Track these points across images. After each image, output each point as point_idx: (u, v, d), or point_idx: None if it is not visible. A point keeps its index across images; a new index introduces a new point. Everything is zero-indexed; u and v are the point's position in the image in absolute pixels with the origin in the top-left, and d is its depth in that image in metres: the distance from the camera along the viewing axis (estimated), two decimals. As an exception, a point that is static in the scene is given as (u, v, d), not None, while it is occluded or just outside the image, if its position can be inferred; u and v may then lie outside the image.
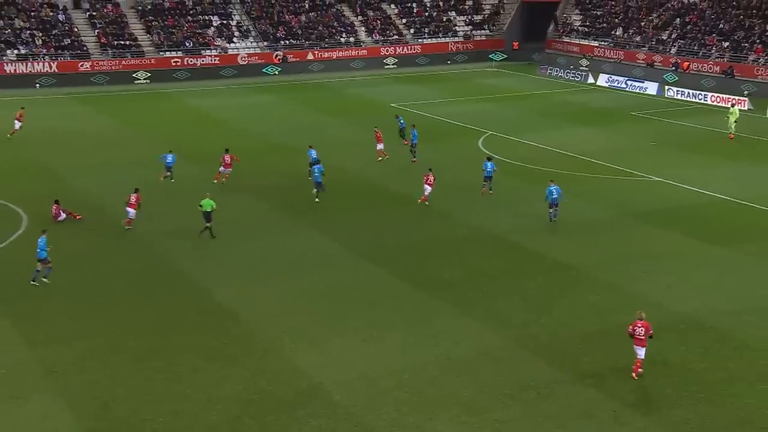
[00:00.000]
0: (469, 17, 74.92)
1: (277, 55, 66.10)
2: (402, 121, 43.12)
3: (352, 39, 69.98)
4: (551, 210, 29.43)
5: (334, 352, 20.38)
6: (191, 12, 67.55)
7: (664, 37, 63.29)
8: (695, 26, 62.11)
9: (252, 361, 19.89)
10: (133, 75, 60.89)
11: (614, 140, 41.93)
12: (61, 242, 26.55)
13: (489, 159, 33.88)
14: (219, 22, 67.36)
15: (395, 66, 69.00)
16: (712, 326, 21.20)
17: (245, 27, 67.89)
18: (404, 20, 73.48)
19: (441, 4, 75.76)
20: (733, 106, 44.50)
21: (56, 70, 59.17)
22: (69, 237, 28.01)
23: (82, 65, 60.08)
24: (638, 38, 64.95)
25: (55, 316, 22.35)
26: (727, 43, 58.61)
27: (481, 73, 66.44)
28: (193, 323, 21.88)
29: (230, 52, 65.22)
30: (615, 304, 22.69)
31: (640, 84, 57.85)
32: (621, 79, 59.45)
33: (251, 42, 67.07)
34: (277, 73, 65.00)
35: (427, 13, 74.72)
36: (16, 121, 43.24)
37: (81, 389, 18.70)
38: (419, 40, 71.63)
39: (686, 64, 58.74)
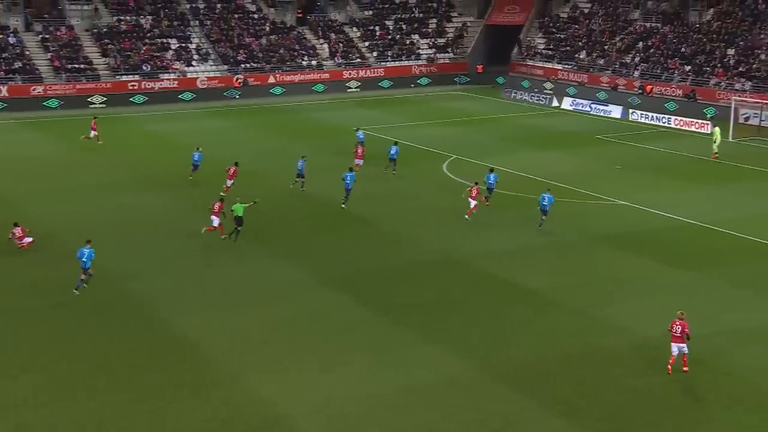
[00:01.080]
0: (433, 40, 75.76)
1: (237, 79, 66.06)
2: (361, 136, 44.11)
3: (314, 62, 70.24)
4: (543, 217, 31.48)
5: (298, 381, 20.20)
6: (149, 35, 67.31)
7: (628, 61, 64.61)
8: (658, 50, 63.54)
9: (215, 392, 19.63)
10: (88, 99, 60.29)
11: (580, 164, 42.51)
12: (14, 270, 26.01)
13: (491, 170, 34.92)
14: (177, 45, 67.18)
15: (358, 89, 69.36)
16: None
17: (204, 50, 67.79)
18: (367, 43, 74.03)
19: (404, 27, 76.54)
20: (714, 126, 45.67)
21: (7, 95, 58.39)
22: (22, 265, 27.49)
23: (34, 89, 59.37)
24: (602, 61, 66.21)
25: (4, 348, 21.84)
26: (689, 67, 60.02)
27: (445, 96, 67.08)
28: (153, 354, 21.55)
29: (189, 75, 65.00)
30: (583, 330, 22.86)
31: (605, 107, 58.87)
32: (585, 102, 60.44)
33: (211, 65, 66.96)
34: (237, 96, 64.90)
35: (390, 37, 75.40)
36: None
37: (33, 426, 18.25)
38: (382, 64, 72.16)
39: (650, 87, 59.97)
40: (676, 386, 19.80)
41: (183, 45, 67.35)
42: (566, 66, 68.22)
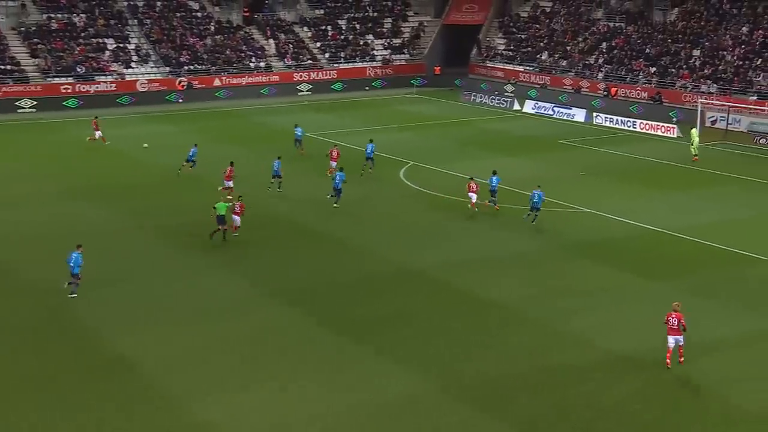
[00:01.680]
0: (388, 41, 76.12)
1: (180, 82, 65.56)
2: (300, 132, 45.51)
3: (262, 64, 70.05)
4: (531, 213, 33.15)
5: (247, 402, 20.06)
6: (83, 34, 66.42)
7: (591, 62, 65.68)
8: (622, 50, 64.71)
9: (156, 417, 19.38)
10: (17, 103, 59.25)
11: (542, 170, 43.02)
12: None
13: (494, 173, 36.05)
14: (115, 45, 66.45)
15: (309, 92, 69.35)
16: (648, 365, 21.78)
17: (144, 51, 67.15)
18: (318, 44, 74.09)
19: (357, 26, 76.78)
20: (691, 129, 46.69)
21: (-76, 99, 57.19)
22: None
23: (-46, 93, 58.24)
24: (564, 63, 67.20)
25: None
26: (654, 68, 61.24)
27: (401, 99, 67.42)
28: (90, 377, 21.23)
29: (128, 78, 64.32)
30: (546, 344, 23.11)
31: (568, 111, 59.72)
32: (548, 105, 61.25)
33: (151, 67, 66.36)
34: (180, 100, 64.41)
35: (342, 37, 75.57)
36: None
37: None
38: (335, 65, 72.28)
39: (614, 89, 61.03)
40: (644, 401, 20.12)
41: (121, 45, 66.64)
42: (527, 67, 69.09)
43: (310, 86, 69.79)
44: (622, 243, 31.75)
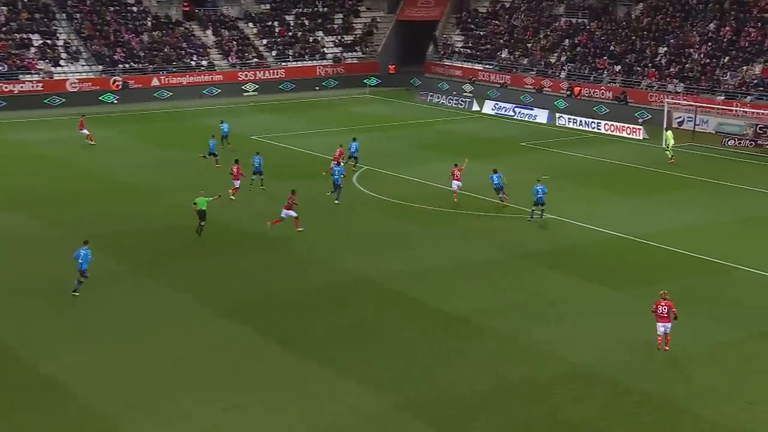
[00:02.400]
0: (339, 38, 76.37)
1: (115, 81, 64.96)
2: (226, 128, 47.10)
3: (204, 62, 69.76)
4: (534, 208, 34.83)
5: (190, 426, 19.99)
6: (4, 29, 65.44)
7: (553, 60, 66.62)
8: (585, 48, 65.76)
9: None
10: (-68, 103, 58.27)
11: (503, 174, 43.45)
12: None
13: (495, 171, 37.54)
14: (41, 41, 65.60)
15: (256, 93, 69.25)
16: (613, 378, 22.17)
17: (74, 48, 66.42)
18: (265, 41, 74.02)
19: (306, 22, 76.89)
20: (666, 130, 47.64)
21: None
22: None
23: None
24: (525, 61, 68.06)
25: None
26: (618, 67, 62.33)
27: (354, 100, 67.65)
28: (15, 402, 20.95)
29: (57, 77, 63.58)
30: (508, 357, 23.41)
31: (529, 111, 60.48)
32: (508, 106, 61.96)
33: (83, 65, 65.67)
34: (115, 101, 63.84)
35: (290, 33, 75.61)
36: None
37: None
38: (283, 64, 72.30)
39: (578, 89, 61.97)
40: (610, 418, 20.49)
41: (48, 41, 65.80)
42: (487, 66, 69.84)
43: (257, 86, 69.71)
44: (586, 250, 32.28)
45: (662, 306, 23.47)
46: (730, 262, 30.56)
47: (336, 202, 37.57)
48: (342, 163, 40.60)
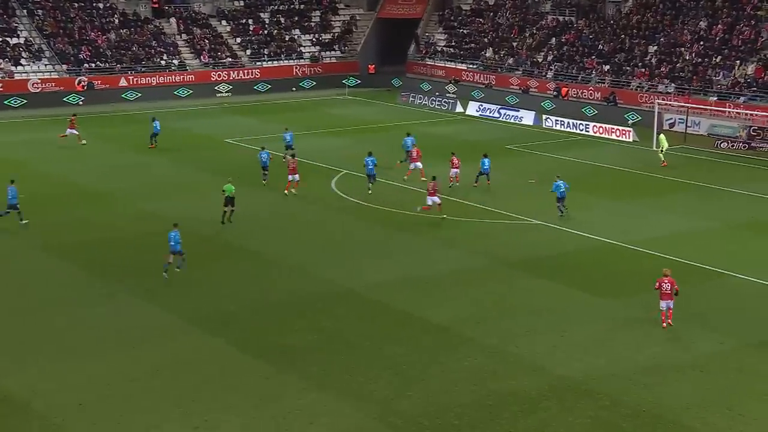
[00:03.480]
0: (317, 36, 76.52)
1: (80, 81, 64.78)
2: (158, 126, 48.39)
3: (175, 62, 69.71)
4: (559, 204, 36.65)
5: (161, 444, 20.04)
6: (-41, 26, 65.24)
7: (540, 59, 67.05)
8: (572, 47, 66.25)
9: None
10: None
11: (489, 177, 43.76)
12: None
13: (485, 156, 41.61)
14: (0, 39, 65.31)
15: (229, 94, 69.24)
16: (601, 391, 22.38)
17: (37, 46, 66.23)
18: (239, 40, 74.07)
19: (282, 20, 76.99)
20: (659, 134, 48.07)
21: None
22: None
23: None
24: (511, 60, 68.47)
25: None
26: (607, 66, 62.84)
27: (332, 101, 67.78)
28: (-24, 420, 20.92)
29: (17, 77, 63.36)
30: (493, 369, 23.59)
31: (515, 113, 60.84)
32: (493, 107, 62.31)
33: (46, 65, 65.46)
34: (81, 102, 63.66)
35: (266, 32, 75.69)
36: None
37: None
38: (258, 64, 72.37)
39: (566, 89, 62.39)
40: (601, 429, 20.68)
41: (7, 39, 65.53)
42: (471, 66, 70.20)
43: (230, 87, 69.73)
44: (574, 258, 32.55)
45: (665, 283, 25.54)
46: (722, 268, 30.90)
47: (369, 192, 40.30)
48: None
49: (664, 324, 25.80)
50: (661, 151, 46.85)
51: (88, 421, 20.92)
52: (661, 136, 47.88)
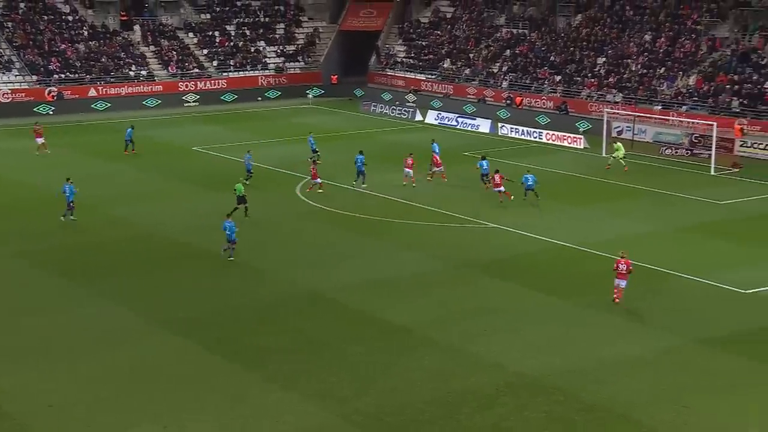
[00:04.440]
0: (281, 48, 76.22)
1: (50, 92, 63.89)
2: (129, 132, 48.97)
3: (143, 72, 69.04)
4: (527, 194, 38.92)
5: (130, 445, 19.73)
6: (-71, 38, 64.06)
7: (495, 70, 67.37)
8: (526, 58, 66.64)
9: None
10: None
11: (446, 183, 43.82)
12: None
13: (483, 158, 42.43)
14: (-29, 51, 64.31)
15: (197, 104, 68.75)
16: (555, 387, 22.44)
17: (6, 57, 65.23)
18: (205, 51, 73.57)
19: (248, 32, 76.61)
20: (615, 142, 48.34)
21: None
22: None
23: None
24: (468, 71, 68.71)
25: None
26: (559, 77, 63.29)
27: (297, 110, 67.54)
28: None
29: (-12, 87, 62.35)
30: (452, 368, 23.56)
31: (472, 121, 61.03)
32: (451, 116, 62.45)
33: (16, 75, 64.51)
34: (51, 112, 62.78)
35: (231, 43, 75.26)
36: None
37: None
38: (224, 74, 71.91)
39: (520, 99, 62.72)
40: (550, 427, 20.73)
41: (-22, 51, 64.52)
42: (429, 76, 70.32)
43: (198, 97, 69.23)
44: (530, 260, 32.64)
45: (622, 264, 27.38)
46: (671, 270, 31.15)
47: (364, 186, 41.94)
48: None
49: (617, 299, 27.43)
50: (622, 157, 47.25)
51: (57, 423, 20.56)
52: (618, 143, 48.29)
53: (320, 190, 40.76)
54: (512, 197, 39.36)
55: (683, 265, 31.43)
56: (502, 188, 39.41)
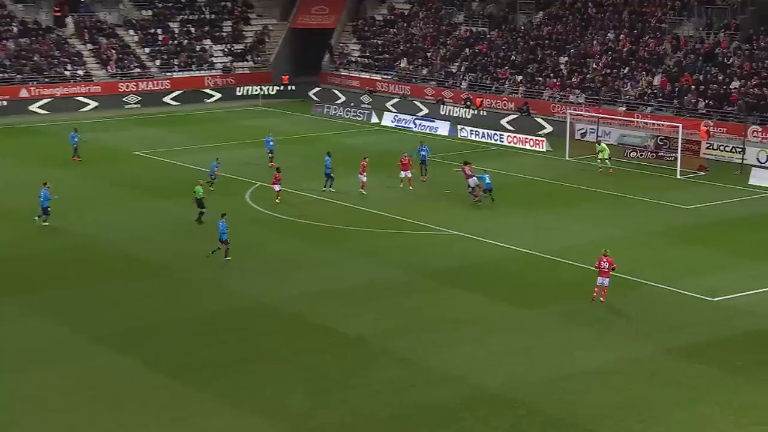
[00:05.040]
0: (228, 46, 75.88)
1: (-23, 93, 62.94)
2: (73, 137, 48.37)
3: (80, 72, 68.24)
4: (483, 194, 40.18)
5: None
6: None
7: (454, 70, 67.75)
8: (485, 57, 67.12)
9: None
10: None
11: (403, 189, 43.93)
12: None
13: (465, 162, 42.32)
14: None
15: (138, 105, 68.13)
16: (519, 400, 22.56)
17: (-74, 56, 64.10)
18: (147, 50, 72.96)
19: (192, 30, 76.14)
20: (599, 143, 48.81)
21: None
22: None
23: None
24: (425, 71, 69.02)
25: None
26: (520, 77, 63.84)
27: (245, 113, 67.26)
28: None
29: None
30: (412, 381, 23.60)
31: (430, 123, 61.28)
32: (408, 117, 62.66)
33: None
34: (-19, 114, 61.80)
35: (175, 42, 74.75)
36: None
37: None
38: (167, 74, 71.36)
39: (479, 100, 63.09)
40: (518, 439, 20.88)
41: None
42: (385, 76, 70.50)
43: (139, 98, 68.62)
44: (492, 268, 32.84)
45: (604, 262, 28.30)
46: (637, 277, 31.49)
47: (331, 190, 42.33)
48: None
49: (602, 299, 28.49)
50: (608, 158, 47.79)
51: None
52: (603, 144, 48.88)
53: (277, 200, 40.51)
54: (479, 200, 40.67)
55: (650, 273, 31.83)
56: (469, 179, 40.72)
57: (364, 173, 42.42)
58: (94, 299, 29.29)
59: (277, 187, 40.58)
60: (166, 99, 69.12)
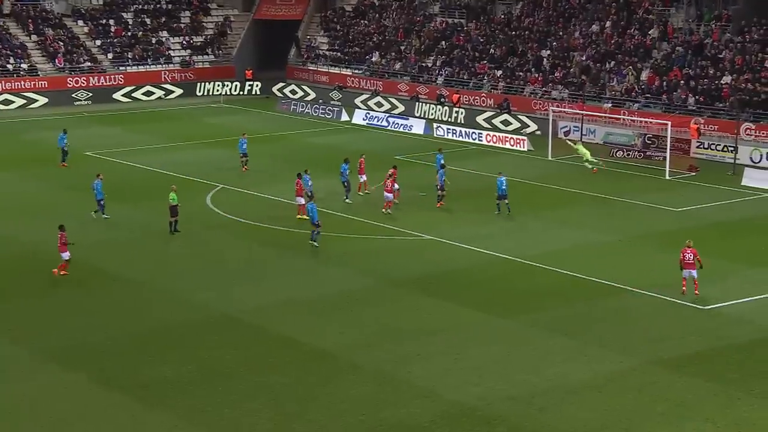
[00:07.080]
0: (187, 39, 75.79)
1: None
2: (62, 139, 48.27)
3: (24, 66, 67.86)
4: (499, 203, 39.79)
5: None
6: None
7: (429, 64, 68.01)
8: (463, 50, 67.43)
9: None
10: None
11: (374, 191, 44.03)
12: None
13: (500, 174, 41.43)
14: None
15: (89, 102, 67.86)
16: (497, 416, 22.72)
17: None
18: (99, 42, 72.71)
19: (148, 21, 75.94)
20: (575, 144, 49.20)
21: None
22: None
23: None
24: (398, 65, 69.23)
25: None
26: (500, 72, 64.17)
27: (206, 109, 67.19)
28: None
29: None
30: (382, 397, 23.70)
31: (404, 121, 61.47)
32: (381, 115, 62.84)
33: None
34: None
35: (129, 33, 74.51)
36: None
37: None
38: (121, 69, 71.15)
39: (457, 96, 63.33)
40: (495, 458, 21.05)
41: None
42: (356, 71, 70.64)
43: (90, 94, 68.35)
44: (469, 275, 33.02)
45: (688, 253, 29.69)
46: (620, 283, 31.77)
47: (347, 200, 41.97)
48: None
49: (696, 292, 29.70)
50: (587, 160, 48.07)
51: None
52: (579, 144, 49.20)
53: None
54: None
55: (636, 279, 32.11)
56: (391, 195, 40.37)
57: (364, 173, 42.70)
58: (40, 312, 29.17)
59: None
60: (117, 95, 68.88)
